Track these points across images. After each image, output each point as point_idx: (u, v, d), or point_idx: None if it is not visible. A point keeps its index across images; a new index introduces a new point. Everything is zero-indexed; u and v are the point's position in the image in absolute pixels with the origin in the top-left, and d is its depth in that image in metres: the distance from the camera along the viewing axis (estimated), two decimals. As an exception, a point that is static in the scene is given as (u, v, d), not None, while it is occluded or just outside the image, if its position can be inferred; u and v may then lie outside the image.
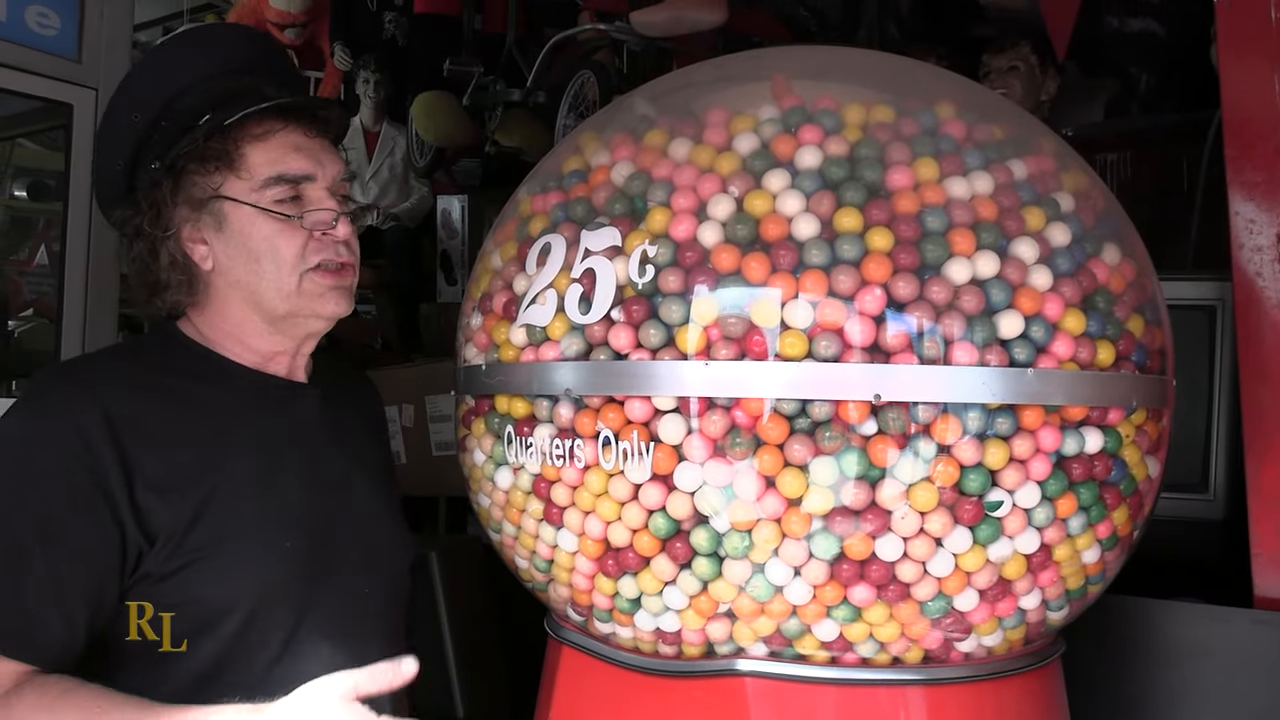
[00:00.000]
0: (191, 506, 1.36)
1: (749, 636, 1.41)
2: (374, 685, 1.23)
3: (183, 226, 1.46)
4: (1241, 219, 2.02)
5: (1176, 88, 3.47)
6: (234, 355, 1.51)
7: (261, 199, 1.44)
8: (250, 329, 1.50)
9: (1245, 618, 1.95)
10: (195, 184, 1.44)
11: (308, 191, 1.47)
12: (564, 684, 1.63)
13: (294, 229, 1.45)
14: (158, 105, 1.47)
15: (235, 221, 1.44)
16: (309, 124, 1.50)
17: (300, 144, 1.48)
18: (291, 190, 1.46)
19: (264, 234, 1.44)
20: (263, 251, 1.44)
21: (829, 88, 1.51)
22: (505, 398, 1.51)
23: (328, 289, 1.48)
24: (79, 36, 2.54)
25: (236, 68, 1.51)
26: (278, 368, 1.54)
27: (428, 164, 5.14)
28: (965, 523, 1.32)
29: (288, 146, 1.47)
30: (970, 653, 1.44)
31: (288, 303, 1.46)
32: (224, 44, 1.58)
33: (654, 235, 1.38)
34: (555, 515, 1.46)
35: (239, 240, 1.44)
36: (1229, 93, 2.04)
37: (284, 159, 1.46)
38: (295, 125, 1.48)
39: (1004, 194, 1.39)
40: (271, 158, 1.45)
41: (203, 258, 1.47)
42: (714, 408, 1.32)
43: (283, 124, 1.47)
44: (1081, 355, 1.35)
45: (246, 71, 1.51)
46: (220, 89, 1.47)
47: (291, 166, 1.46)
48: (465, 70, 4.73)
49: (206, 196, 1.44)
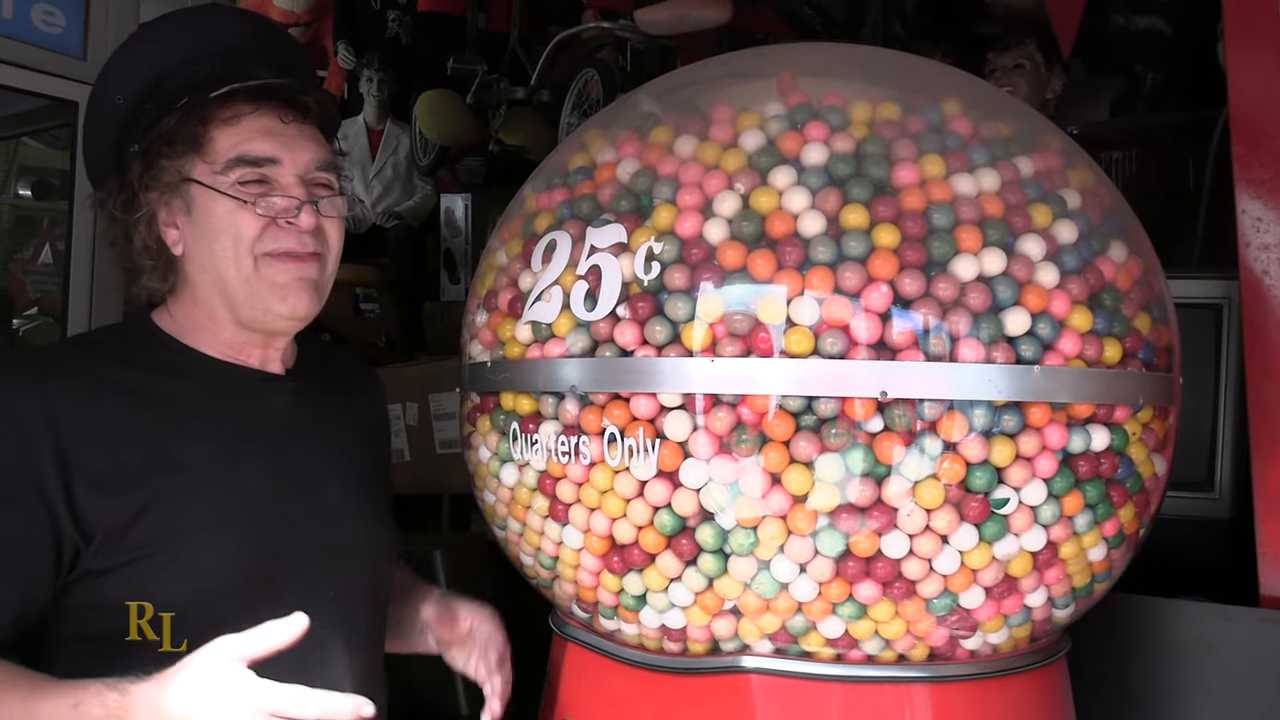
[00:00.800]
0: (135, 504, 1.31)
1: (754, 633, 1.41)
2: (263, 648, 1.16)
3: (157, 211, 1.41)
4: (1248, 217, 2.01)
5: (1182, 85, 3.47)
6: (204, 346, 1.46)
7: (223, 182, 1.38)
8: (220, 318, 1.44)
9: (1251, 616, 1.95)
10: (165, 168, 1.40)
11: (275, 176, 1.41)
12: (569, 681, 1.63)
13: (252, 210, 1.39)
14: (143, 87, 1.43)
15: (200, 204, 1.39)
16: (285, 108, 1.43)
17: (270, 128, 1.41)
18: (255, 174, 1.40)
19: (224, 212, 1.38)
20: (221, 229, 1.38)
21: (835, 84, 1.51)
22: (510, 394, 1.50)
23: (290, 279, 1.41)
24: (84, 34, 2.54)
25: (225, 50, 1.46)
26: (249, 359, 1.48)
27: (431, 162, 5.14)
28: (971, 520, 1.32)
29: (256, 129, 1.41)
30: (976, 650, 1.44)
31: (247, 287, 1.40)
32: (213, 25, 1.52)
33: (660, 232, 1.38)
34: (560, 512, 1.46)
35: (202, 221, 1.39)
36: (1236, 90, 2.04)
37: (249, 141, 1.40)
38: (268, 109, 1.42)
39: (1010, 191, 1.39)
40: (237, 140, 1.39)
41: (174, 242, 1.42)
42: (719, 404, 1.32)
43: (253, 107, 1.41)
44: (1088, 352, 1.35)
45: (236, 54, 1.46)
46: (204, 72, 1.41)
47: (253, 149, 1.40)
48: (469, 69, 4.73)
49: (176, 180, 1.40)
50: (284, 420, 1.49)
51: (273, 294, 1.41)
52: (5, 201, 3.93)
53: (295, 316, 1.44)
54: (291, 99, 1.44)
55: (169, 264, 1.44)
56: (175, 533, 1.33)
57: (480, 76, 4.73)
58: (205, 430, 1.40)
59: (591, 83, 4.03)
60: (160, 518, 1.32)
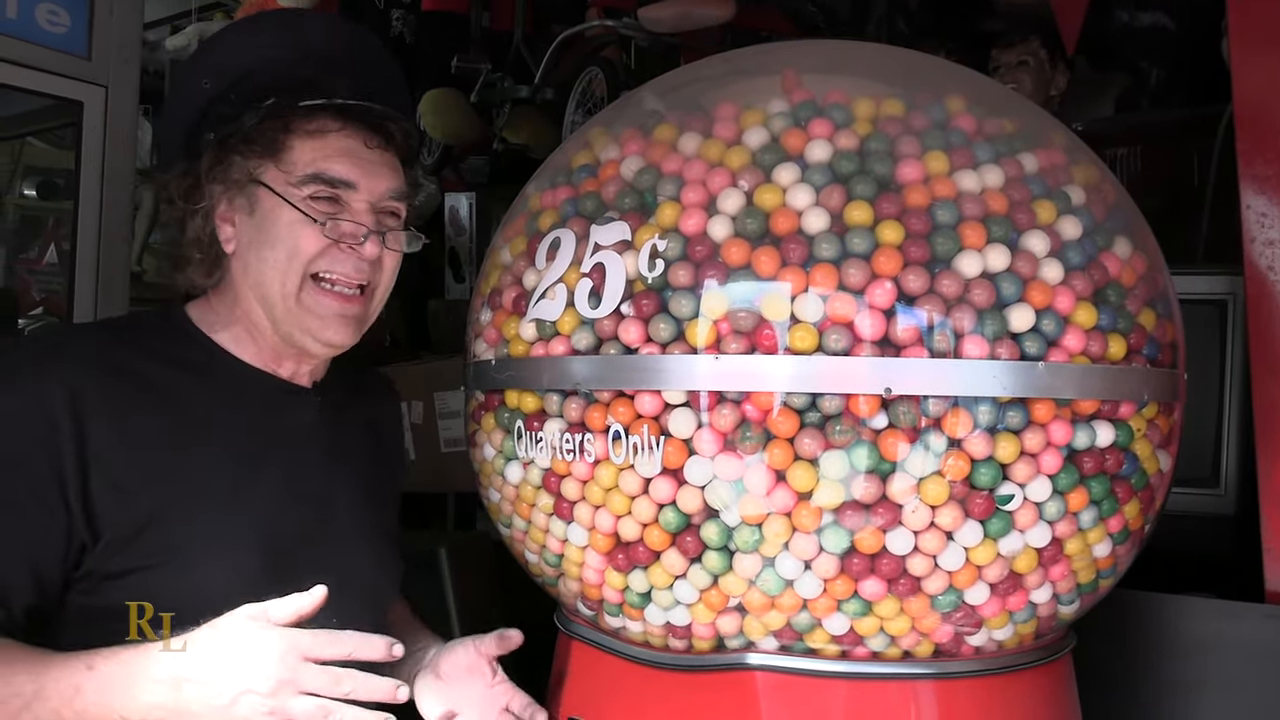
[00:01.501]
0: (146, 509, 1.31)
1: (759, 630, 1.41)
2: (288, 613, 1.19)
3: (217, 204, 1.40)
4: (1253, 213, 2.01)
5: (1187, 82, 3.46)
6: (237, 348, 1.45)
7: (294, 194, 1.38)
8: (260, 323, 1.43)
9: (1256, 613, 1.95)
10: (236, 164, 1.39)
11: (348, 200, 1.40)
12: (574, 678, 1.64)
13: (319, 230, 1.38)
14: (230, 77, 1.42)
15: (265, 208, 1.38)
16: (370, 133, 1.42)
17: (352, 150, 1.40)
18: (329, 192, 1.39)
19: (287, 223, 1.37)
20: (280, 238, 1.37)
21: (839, 82, 1.51)
22: (515, 392, 1.51)
23: (331, 314, 1.41)
24: (89, 34, 2.54)
25: (317, 56, 1.44)
26: (280, 369, 1.48)
27: (435, 161, 5.13)
28: (976, 516, 1.32)
29: (338, 149, 1.40)
30: (981, 647, 1.44)
31: (285, 305, 1.39)
32: (309, 29, 1.52)
33: (664, 229, 1.38)
34: (565, 510, 1.46)
35: (264, 226, 1.38)
36: (1240, 87, 2.04)
37: (329, 160, 1.39)
38: (354, 130, 1.41)
39: (1014, 187, 1.38)
40: (316, 156, 1.39)
41: (227, 239, 1.41)
42: (724, 402, 1.32)
43: (339, 125, 1.40)
44: (1093, 349, 1.35)
45: (327, 62, 1.44)
46: (294, 75, 1.40)
47: (332, 169, 1.39)
48: (473, 67, 4.73)
49: (245, 179, 1.39)
50: (304, 436, 1.48)
51: (311, 320, 1.40)
52: (10, 201, 3.94)
53: (332, 345, 1.44)
54: (378, 124, 1.43)
55: (217, 259, 1.43)
56: (183, 546, 1.32)
57: (484, 75, 4.73)
58: (225, 440, 1.39)
59: (595, 81, 4.02)
60: (169, 527, 1.32)
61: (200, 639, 1.19)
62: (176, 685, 1.18)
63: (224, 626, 1.19)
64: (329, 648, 1.20)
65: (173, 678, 1.18)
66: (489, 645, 1.56)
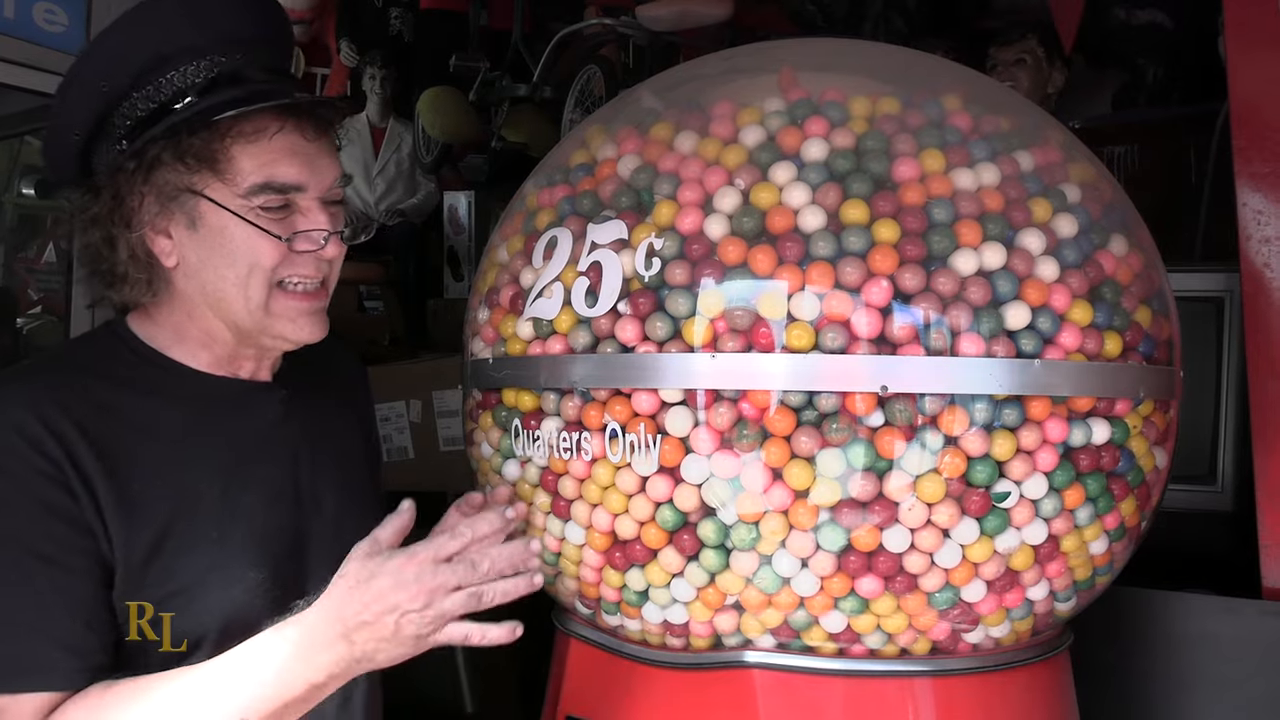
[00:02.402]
0: (148, 541, 1.28)
1: (757, 628, 1.41)
2: (395, 531, 1.26)
3: (147, 218, 1.29)
4: (1249, 210, 2.02)
5: (1184, 79, 3.47)
6: (190, 357, 1.38)
7: (245, 207, 1.28)
8: (215, 332, 1.36)
9: (1253, 609, 1.95)
10: (165, 175, 1.27)
11: (298, 200, 1.32)
12: (572, 677, 1.64)
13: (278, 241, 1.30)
14: (130, 74, 1.27)
15: (213, 224, 1.29)
16: (308, 123, 1.32)
17: (296, 147, 1.30)
18: (280, 199, 1.30)
19: (244, 239, 1.29)
20: (238, 254, 1.29)
21: (835, 80, 1.51)
22: (512, 391, 1.51)
23: (300, 314, 1.35)
24: (86, 33, 2.53)
25: (230, 39, 1.31)
26: (240, 370, 1.41)
27: (434, 160, 5.14)
28: (972, 514, 1.33)
29: (281, 150, 1.29)
30: (978, 644, 1.45)
31: (253, 318, 1.33)
32: (218, 9, 1.33)
33: (660, 228, 1.38)
34: (562, 508, 1.46)
35: (215, 242, 1.30)
36: (1237, 84, 2.04)
37: (275, 164, 1.29)
38: (292, 125, 1.30)
39: (1011, 185, 1.39)
40: (261, 162, 1.28)
41: (165, 253, 1.31)
42: (721, 400, 1.32)
43: (278, 124, 1.29)
44: (1089, 346, 1.35)
45: (240, 44, 1.32)
46: (207, 69, 1.28)
47: (281, 174, 1.29)
48: (471, 66, 4.73)
49: (178, 190, 1.28)
50: (278, 434, 1.44)
51: (283, 324, 1.35)
52: (8, 200, 3.93)
53: (305, 343, 1.40)
54: (314, 112, 1.34)
55: (156, 274, 1.34)
56: (191, 575, 1.31)
57: (483, 74, 4.74)
58: (204, 457, 1.35)
59: (594, 79, 4.03)
60: (174, 559, 1.30)
61: (338, 593, 1.23)
62: (346, 638, 1.22)
63: (352, 573, 1.23)
64: (451, 544, 1.25)
65: (338, 634, 1.22)
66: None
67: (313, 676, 1.23)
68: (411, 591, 1.21)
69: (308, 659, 1.22)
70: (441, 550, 1.24)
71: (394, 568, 1.22)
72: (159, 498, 1.30)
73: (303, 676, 1.23)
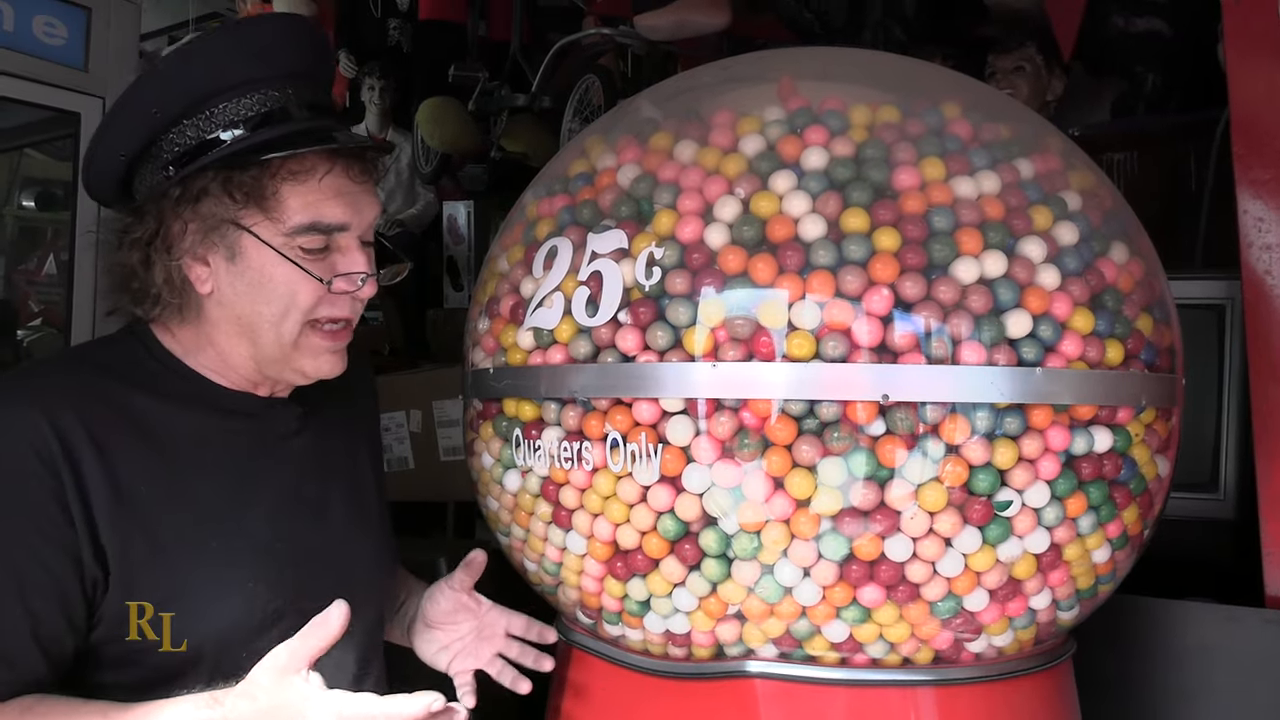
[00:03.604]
0: (146, 547, 1.28)
1: (758, 638, 1.41)
2: (319, 642, 1.19)
3: (187, 244, 1.31)
4: (1250, 217, 2.01)
5: (1183, 87, 3.47)
6: (211, 371, 1.40)
7: (288, 245, 1.30)
8: (236, 358, 1.38)
9: (1256, 617, 1.95)
10: (214, 210, 1.29)
11: (339, 240, 1.33)
12: (574, 687, 1.63)
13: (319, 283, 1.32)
14: (183, 102, 1.29)
15: (253, 259, 1.30)
16: (356, 165, 1.34)
17: (342, 189, 1.32)
18: (322, 241, 1.32)
19: (285, 278, 1.31)
20: (278, 294, 1.31)
21: (835, 88, 1.51)
22: (513, 401, 1.51)
23: (325, 351, 1.37)
24: (86, 46, 2.54)
25: (281, 74, 1.33)
26: (258, 390, 1.43)
27: (433, 170, 5.15)
28: (974, 523, 1.32)
29: (329, 191, 1.31)
30: (981, 653, 1.44)
31: (281, 352, 1.35)
32: (272, 44, 1.35)
33: (660, 237, 1.38)
34: (564, 518, 1.46)
35: (254, 278, 1.31)
36: (1237, 91, 2.04)
37: (321, 205, 1.30)
38: (341, 169, 1.32)
39: (1011, 193, 1.39)
40: (308, 201, 1.30)
41: (201, 280, 1.33)
42: (722, 409, 1.32)
43: (327, 165, 1.30)
44: (1090, 354, 1.35)
45: (289, 78, 1.34)
46: (260, 103, 1.31)
47: (328, 215, 1.31)
48: (470, 76, 4.74)
49: (222, 222, 1.29)
50: (290, 448, 1.46)
51: (305, 360, 1.37)
52: (9, 213, 3.93)
53: (323, 377, 1.41)
54: (359, 152, 1.35)
55: (188, 299, 1.35)
56: (191, 579, 1.31)
57: (482, 84, 4.74)
58: (214, 467, 1.37)
59: (593, 89, 4.03)
60: (174, 561, 1.30)
61: (236, 700, 1.18)
62: None
63: (259, 689, 1.18)
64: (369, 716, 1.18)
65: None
66: (460, 581, 1.56)
67: None
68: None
69: None
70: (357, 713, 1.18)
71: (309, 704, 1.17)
72: (162, 499, 1.30)
73: None
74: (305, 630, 1.20)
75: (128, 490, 1.28)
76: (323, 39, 1.45)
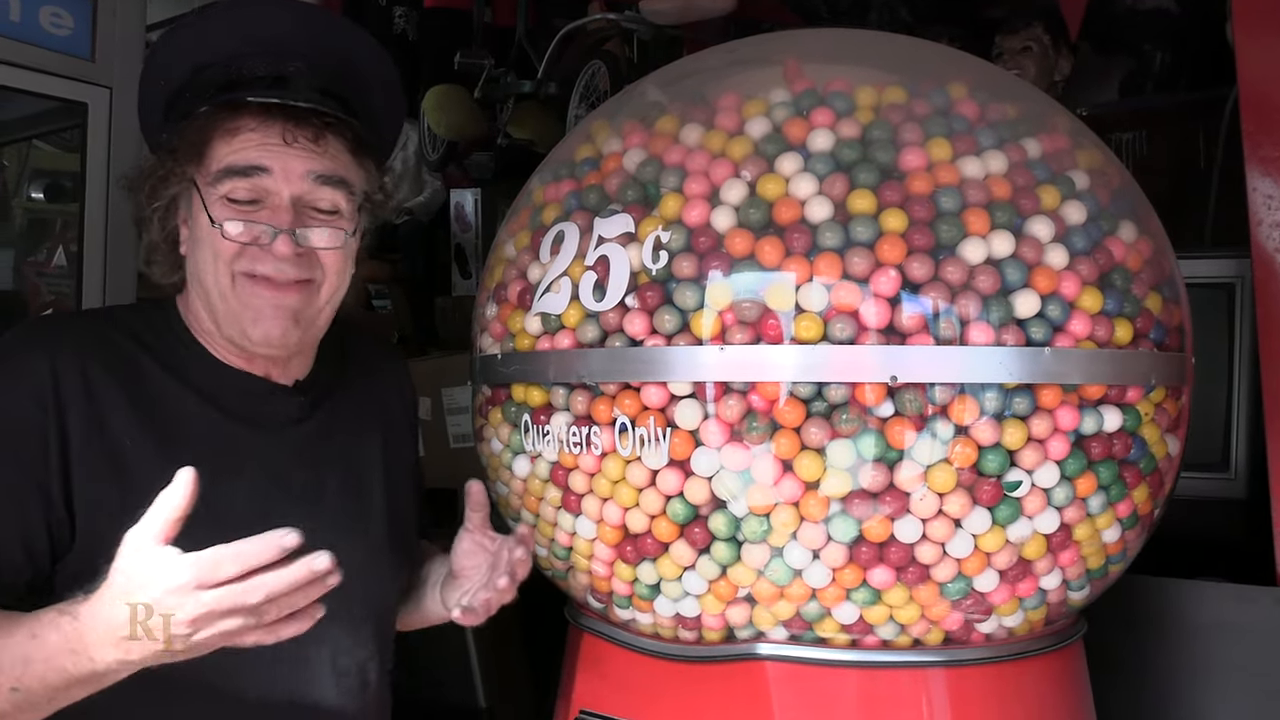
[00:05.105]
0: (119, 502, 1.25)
1: (769, 620, 1.41)
2: (167, 517, 1.10)
3: (175, 206, 1.38)
4: (1260, 195, 2.00)
5: (1191, 65, 3.45)
6: (216, 347, 1.41)
7: (211, 194, 1.33)
8: (206, 321, 1.40)
9: (1267, 596, 1.95)
10: (182, 170, 1.36)
11: (271, 196, 1.33)
12: (585, 671, 1.64)
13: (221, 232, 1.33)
14: (182, 75, 1.39)
15: (197, 212, 1.35)
16: (303, 130, 1.33)
17: (269, 143, 1.33)
18: (246, 186, 1.32)
19: (204, 223, 1.33)
20: (204, 240, 1.34)
21: (841, 70, 1.51)
22: (521, 386, 1.51)
23: (264, 304, 1.34)
24: (92, 36, 2.54)
25: (268, 45, 1.38)
26: (254, 368, 1.42)
27: (440, 158, 5.13)
28: (984, 503, 1.32)
29: (252, 142, 1.33)
30: (991, 634, 1.44)
31: (224, 304, 1.35)
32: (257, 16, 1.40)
33: (667, 221, 1.38)
34: (573, 503, 1.46)
35: (196, 232, 1.36)
36: (1245, 69, 2.03)
37: (243, 153, 1.33)
38: (278, 128, 1.33)
39: (1018, 173, 1.38)
40: (232, 149, 1.33)
41: (183, 241, 1.39)
42: (730, 392, 1.32)
43: (258, 121, 1.33)
44: (1099, 333, 1.35)
45: (278, 48, 1.38)
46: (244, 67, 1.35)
47: (241, 158, 1.32)
48: (476, 63, 4.72)
49: (184, 180, 1.36)
50: (288, 433, 1.44)
51: (245, 316, 1.35)
52: (18, 205, 3.94)
53: (268, 344, 1.36)
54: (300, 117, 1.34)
55: (177, 261, 1.41)
56: None
57: (487, 71, 4.73)
58: (201, 440, 1.36)
59: (599, 75, 4.02)
60: None
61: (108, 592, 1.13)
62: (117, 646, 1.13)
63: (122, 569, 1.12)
64: (214, 571, 1.10)
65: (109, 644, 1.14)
66: (470, 519, 1.50)
67: (86, 670, 1.16)
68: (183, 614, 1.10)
69: (77, 657, 1.15)
70: (202, 575, 1.10)
71: (158, 578, 1.10)
72: (146, 459, 1.31)
73: (77, 669, 1.16)
74: (151, 508, 1.13)
75: (112, 443, 1.30)
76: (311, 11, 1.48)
